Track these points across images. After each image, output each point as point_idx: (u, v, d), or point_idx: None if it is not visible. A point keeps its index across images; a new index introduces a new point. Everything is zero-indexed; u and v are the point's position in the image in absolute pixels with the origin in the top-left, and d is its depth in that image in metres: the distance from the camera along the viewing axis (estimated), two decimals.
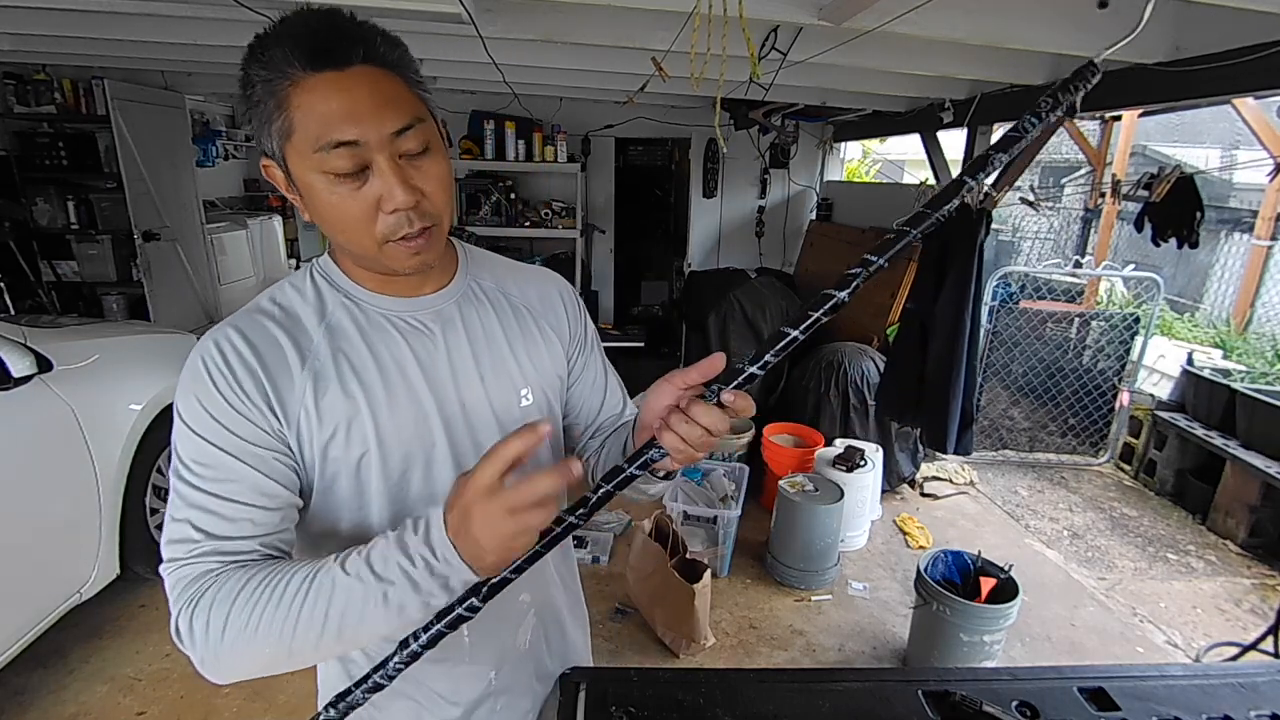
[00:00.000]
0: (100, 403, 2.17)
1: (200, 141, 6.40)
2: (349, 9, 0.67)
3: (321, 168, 0.62)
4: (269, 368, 0.67)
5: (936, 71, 2.57)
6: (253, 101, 0.63)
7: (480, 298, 0.81)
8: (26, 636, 1.92)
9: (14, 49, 3.21)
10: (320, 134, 0.61)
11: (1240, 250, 5.27)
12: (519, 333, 0.82)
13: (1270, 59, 1.78)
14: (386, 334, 0.73)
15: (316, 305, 0.73)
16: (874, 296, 4.03)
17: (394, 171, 0.63)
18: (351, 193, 0.63)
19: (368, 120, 0.61)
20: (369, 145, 0.62)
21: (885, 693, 0.82)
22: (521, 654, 0.85)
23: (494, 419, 0.78)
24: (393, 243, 0.66)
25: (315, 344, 0.70)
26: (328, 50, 0.60)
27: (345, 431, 0.70)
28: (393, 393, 0.72)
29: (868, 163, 8.11)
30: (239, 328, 0.69)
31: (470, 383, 0.77)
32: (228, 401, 0.65)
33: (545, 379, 0.83)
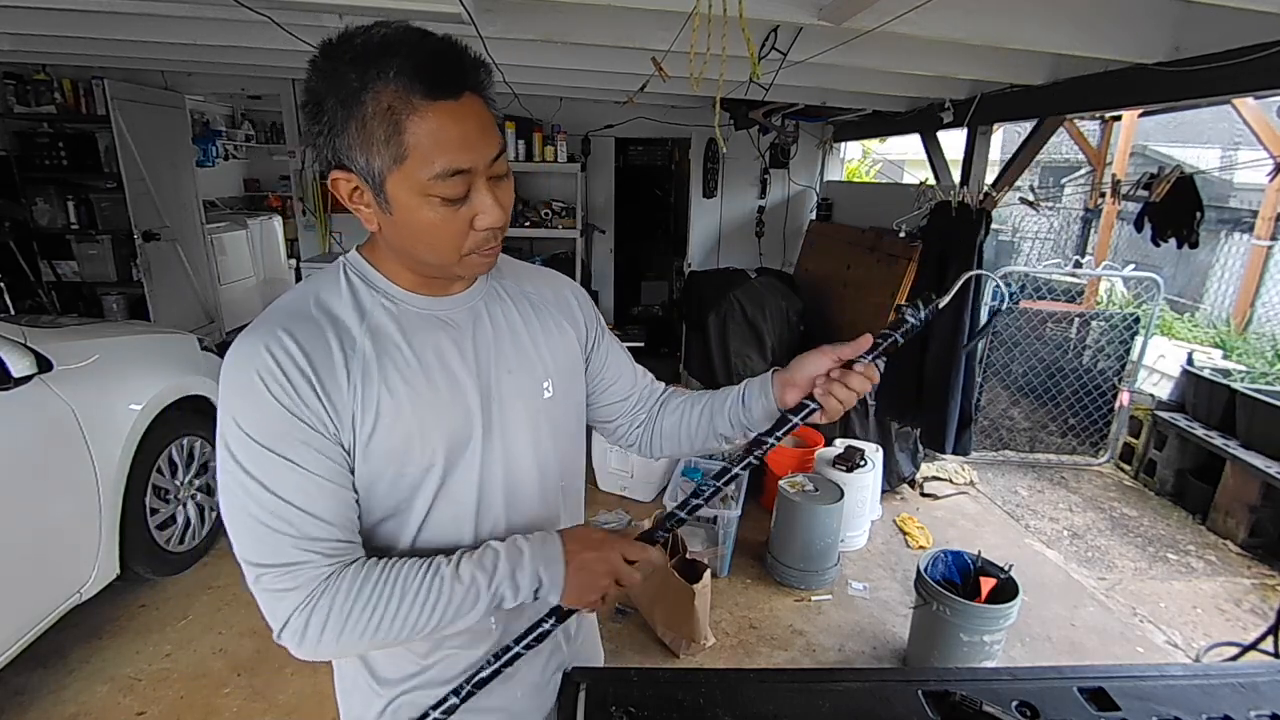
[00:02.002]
0: (100, 403, 2.17)
1: (200, 141, 6.40)
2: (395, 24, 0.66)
3: (430, 191, 0.65)
4: (318, 370, 0.69)
5: (936, 71, 2.57)
6: (360, 119, 0.62)
7: (503, 296, 0.85)
8: (26, 636, 1.92)
9: (14, 49, 3.21)
10: (437, 163, 0.63)
11: (1240, 250, 5.27)
12: (539, 328, 0.86)
13: (1270, 59, 1.78)
14: (425, 330, 0.76)
15: (355, 305, 0.74)
16: (874, 296, 4.03)
17: (491, 194, 0.68)
18: (451, 214, 0.67)
19: (478, 149, 0.65)
20: (476, 171, 0.66)
21: (885, 693, 0.82)
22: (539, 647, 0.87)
23: (522, 408, 0.82)
24: (472, 255, 0.71)
25: (359, 344, 0.72)
26: (447, 81, 0.63)
27: (392, 426, 0.72)
28: (435, 385, 0.75)
29: (868, 163, 8.11)
30: (289, 331, 0.69)
31: (500, 374, 0.80)
32: (286, 409, 0.67)
33: (564, 372, 0.88)
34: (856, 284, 4.30)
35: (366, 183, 0.67)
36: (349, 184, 0.68)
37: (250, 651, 2.27)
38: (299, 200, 5.37)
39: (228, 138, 7.28)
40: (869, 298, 4.08)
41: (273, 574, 0.67)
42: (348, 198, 0.69)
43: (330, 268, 0.77)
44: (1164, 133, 7.00)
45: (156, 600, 2.51)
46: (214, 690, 2.10)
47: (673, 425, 0.99)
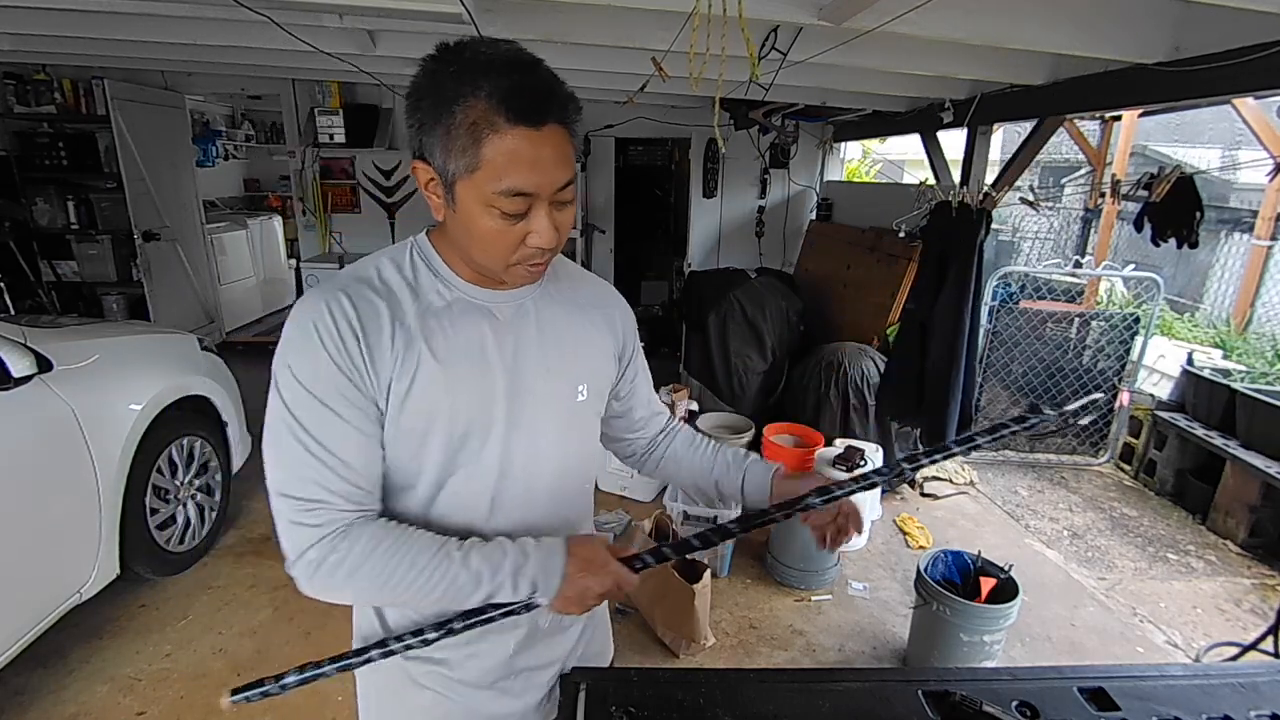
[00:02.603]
0: (100, 403, 2.17)
1: (200, 141, 6.40)
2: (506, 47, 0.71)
3: (493, 204, 0.70)
4: (368, 333, 0.74)
5: (936, 71, 2.57)
6: (448, 126, 0.68)
7: (554, 297, 0.88)
8: (26, 636, 1.92)
9: (14, 49, 3.21)
10: (504, 181, 0.68)
11: (1240, 250, 5.27)
12: (583, 334, 0.90)
13: (1270, 59, 1.78)
14: (471, 317, 0.81)
15: (413, 284, 0.80)
16: (874, 296, 4.03)
17: (549, 217, 0.73)
18: (508, 227, 0.72)
19: (546, 176, 0.70)
20: (538, 196, 0.71)
21: (885, 693, 0.82)
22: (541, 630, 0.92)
23: (553, 407, 0.86)
24: (518, 265, 0.76)
25: (408, 318, 0.77)
26: (531, 110, 0.67)
27: (423, 397, 0.77)
28: (468, 368, 0.80)
29: (868, 163, 8.11)
30: (349, 294, 0.75)
31: (537, 371, 0.84)
32: (335, 362, 0.73)
33: (599, 379, 0.93)
34: (856, 284, 4.30)
35: (440, 179, 0.72)
36: (426, 174, 0.74)
37: (250, 651, 2.27)
38: (299, 200, 5.38)
39: (228, 138, 7.28)
40: (869, 298, 4.08)
41: (297, 507, 0.73)
42: (424, 185, 0.75)
43: (399, 246, 0.83)
44: (1164, 133, 7.00)
45: (156, 600, 2.51)
46: (214, 690, 2.10)
47: (674, 462, 1.08)
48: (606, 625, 1.10)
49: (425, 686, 0.88)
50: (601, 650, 1.06)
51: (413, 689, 0.88)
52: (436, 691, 0.88)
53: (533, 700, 0.93)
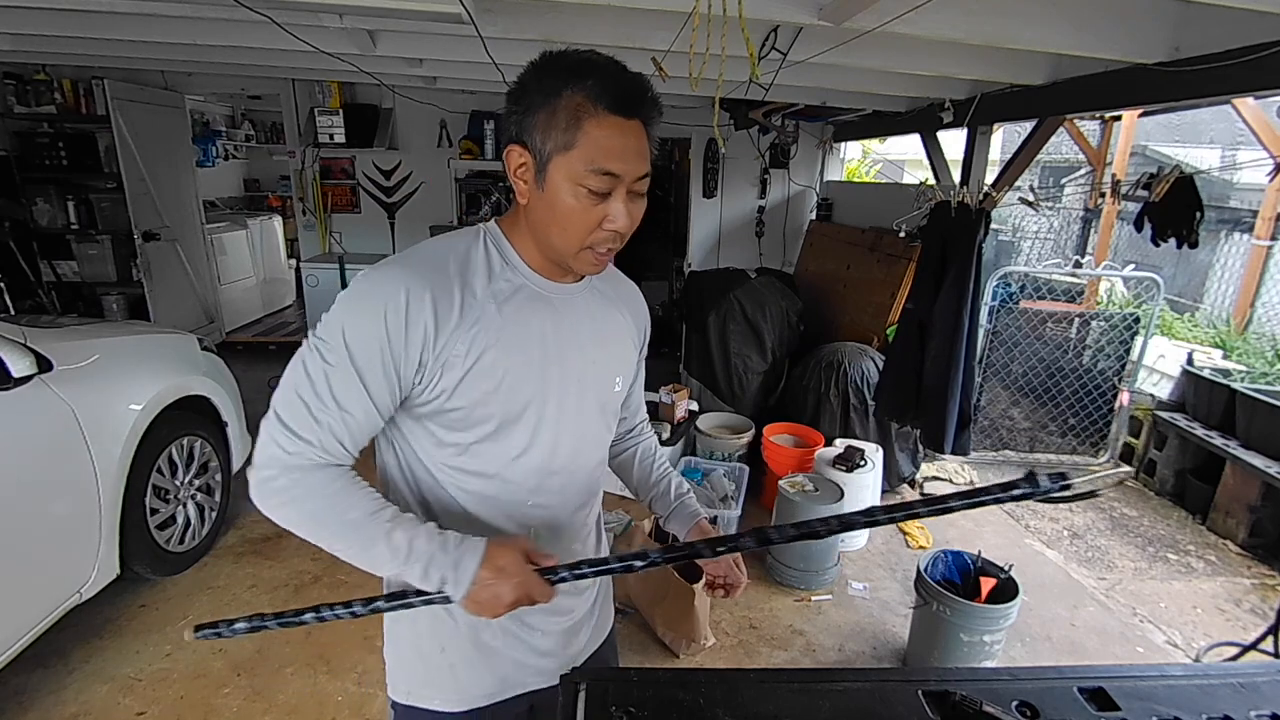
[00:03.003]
0: (100, 403, 2.17)
1: (200, 141, 6.41)
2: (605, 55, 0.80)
3: (581, 181, 0.77)
4: (439, 320, 0.80)
5: (936, 71, 2.57)
6: (552, 108, 0.76)
7: (601, 294, 0.96)
8: (26, 636, 1.92)
9: (14, 49, 3.21)
10: (595, 158, 0.76)
11: (1240, 250, 5.26)
12: (619, 330, 0.98)
13: (1270, 59, 1.78)
14: (534, 304, 0.87)
15: (487, 268, 0.86)
16: (874, 296, 4.03)
17: (626, 202, 0.80)
18: (589, 206, 0.79)
19: (631, 162, 0.78)
20: (621, 179, 0.78)
21: (885, 693, 0.82)
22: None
23: (595, 395, 0.94)
24: (590, 250, 0.83)
25: (480, 299, 0.83)
26: (627, 102, 0.77)
27: (486, 376, 0.83)
28: (529, 355, 0.86)
29: (868, 163, 8.11)
30: (429, 281, 0.80)
31: (586, 360, 0.92)
32: (389, 342, 0.78)
33: (628, 373, 1.01)
34: (856, 284, 4.30)
35: (535, 159, 0.79)
36: (520, 158, 0.81)
37: (250, 651, 2.27)
38: (299, 200, 5.38)
39: (228, 138, 7.29)
40: (869, 298, 4.09)
41: (283, 431, 0.79)
42: (514, 170, 0.82)
43: (470, 232, 0.89)
44: (1164, 133, 7.00)
45: (156, 600, 2.51)
46: (214, 690, 2.10)
47: (625, 469, 1.18)
48: (610, 590, 1.17)
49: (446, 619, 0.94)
50: (608, 614, 1.16)
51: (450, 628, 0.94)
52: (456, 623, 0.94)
53: (545, 646, 1.00)
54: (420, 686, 0.97)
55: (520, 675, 0.99)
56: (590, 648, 1.09)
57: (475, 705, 0.97)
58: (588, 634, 1.08)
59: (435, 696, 0.96)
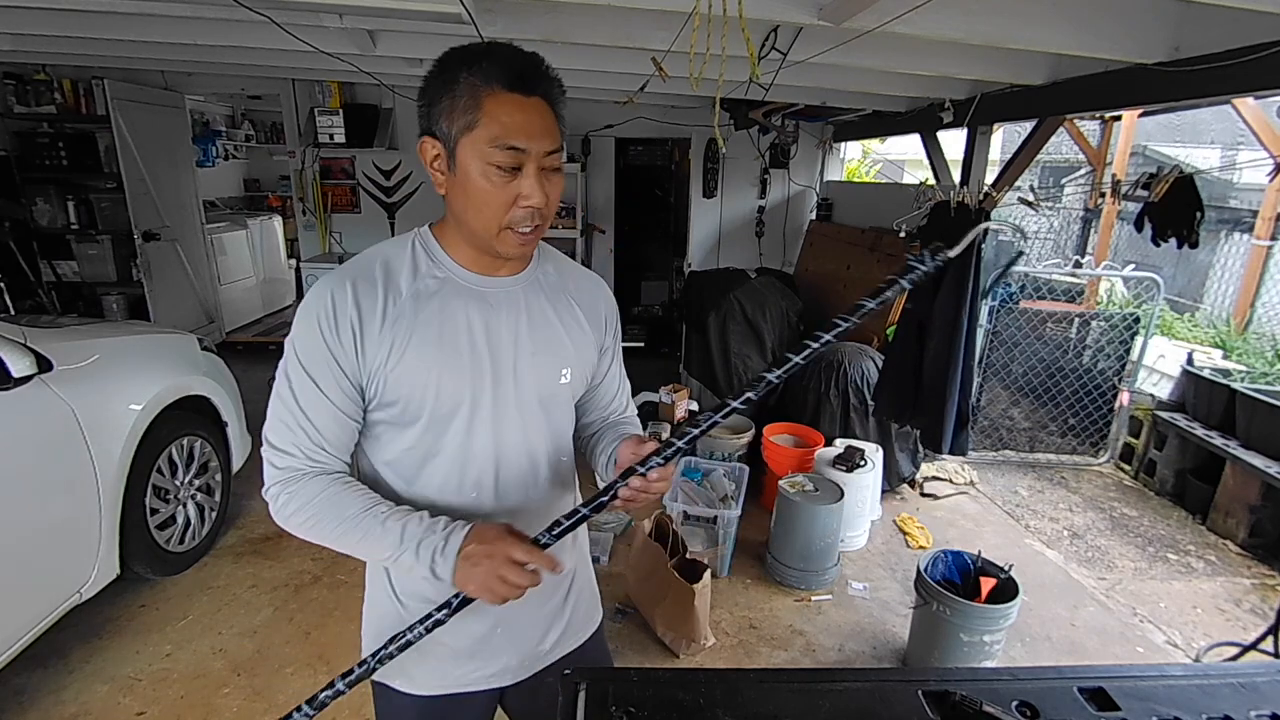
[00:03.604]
0: (100, 403, 2.17)
1: (200, 141, 6.41)
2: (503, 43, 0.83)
3: (488, 159, 0.79)
4: (364, 319, 0.85)
5: (936, 71, 2.57)
6: (453, 94, 0.79)
7: (543, 286, 0.97)
8: (26, 636, 1.92)
9: (14, 49, 3.21)
10: (498, 134, 0.79)
11: (1240, 250, 5.26)
12: (570, 322, 0.98)
13: (1270, 59, 1.78)
14: (462, 299, 0.89)
15: (412, 268, 0.89)
16: None
17: (538, 177, 0.82)
18: (502, 184, 0.81)
19: (534, 138, 0.80)
20: (528, 155, 0.80)
21: (885, 693, 0.82)
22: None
23: (541, 388, 0.95)
24: (510, 230, 0.84)
25: (403, 300, 0.87)
26: (524, 80, 0.79)
27: (412, 373, 0.86)
28: (457, 349, 0.88)
29: (868, 163, 8.11)
30: (353, 283, 0.85)
31: (525, 354, 0.92)
32: (326, 344, 0.84)
33: (582, 365, 1.01)
34: (856, 284, 4.30)
35: (445, 147, 0.82)
36: (433, 149, 0.84)
37: (250, 651, 2.27)
38: (299, 200, 5.38)
39: (228, 138, 7.28)
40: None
41: (271, 450, 0.88)
42: (429, 163, 0.85)
43: (403, 235, 0.93)
44: (1164, 133, 7.00)
45: (156, 600, 2.51)
46: (214, 690, 2.10)
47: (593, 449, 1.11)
48: (593, 590, 1.18)
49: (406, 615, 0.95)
50: (589, 615, 1.16)
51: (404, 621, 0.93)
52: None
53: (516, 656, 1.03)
54: (392, 669, 0.97)
55: (470, 674, 1.01)
56: (565, 647, 1.09)
57: (431, 693, 1.01)
58: (557, 633, 1.07)
59: (396, 677, 1.00)
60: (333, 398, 0.86)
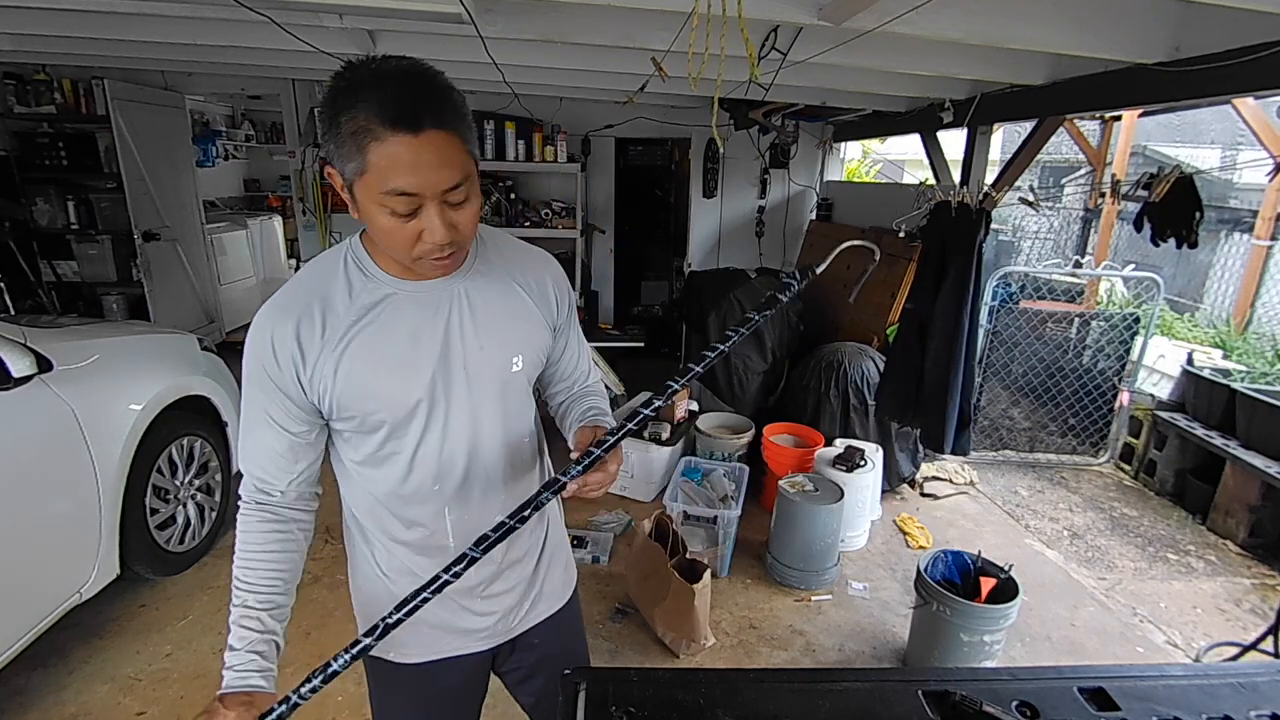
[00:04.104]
0: (100, 403, 2.17)
1: (200, 141, 6.40)
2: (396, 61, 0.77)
3: (383, 204, 0.77)
4: (303, 346, 0.86)
5: (936, 71, 2.57)
6: (336, 134, 0.75)
7: (485, 276, 0.96)
8: (26, 636, 1.92)
9: (14, 49, 3.21)
10: (387, 182, 0.75)
11: (1240, 250, 5.26)
12: (517, 308, 0.98)
13: (1270, 59, 1.78)
14: (402, 308, 0.90)
15: (346, 284, 0.89)
16: (874, 296, 4.03)
17: (439, 216, 0.79)
18: (401, 224, 0.79)
19: (427, 177, 0.75)
20: (423, 196, 0.77)
21: (885, 693, 0.82)
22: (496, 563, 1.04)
23: (493, 379, 0.95)
24: (423, 260, 0.83)
25: (342, 318, 0.87)
26: (406, 116, 0.72)
27: (362, 388, 0.88)
28: (402, 357, 0.89)
29: (868, 163, 8.11)
30: (288, 315, 0.87)
31: (472, 349, 0.93)
32: (267, 375, 0.87)
33: (533, 349, 1.01)
34: (856, 284, 4.29)
35: (340, 178, 0.80)
36: (337, 179, 0.81)
37: None
38: (299, 200, 5.37)
39: (228, 138, 7.28)
40: (869, 297, 4.08)
41: (240, 473, 0.96)
42: (339, 189, 0.82)
43: (333, 251, 0.92)
44: (1164, 133, 7.00)
45: (156, 600, 2.51)
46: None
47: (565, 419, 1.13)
48: (568, 559, 1.21)
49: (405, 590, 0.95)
50: (564, 582, 1.19)
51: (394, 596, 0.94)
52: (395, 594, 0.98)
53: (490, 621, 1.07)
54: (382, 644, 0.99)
55: (458, 640, 1.07)
56: (538, 615, 1.13)
57: (423, 660, 1.06)
58: (530, 599, 1.11)
59: (389, 650, 1.05)
60: (279, 421, 0.90)
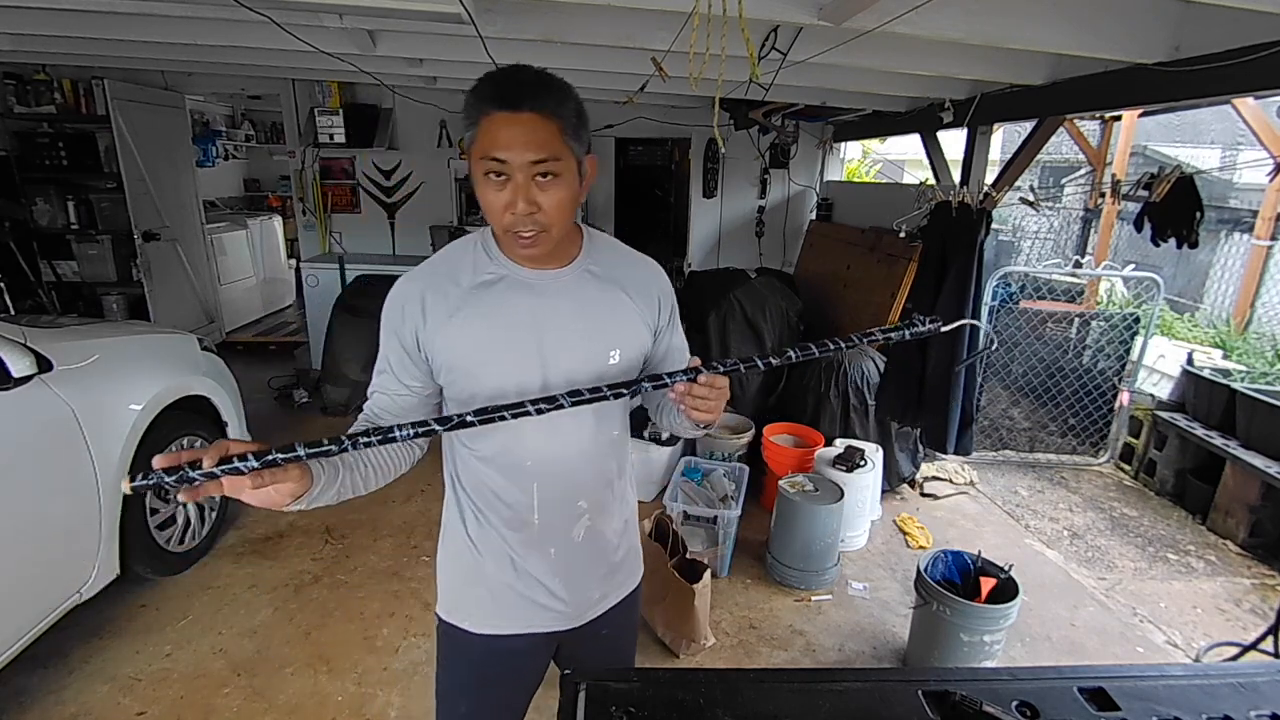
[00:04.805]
0: (100, 403, 2.17)
1: (200, 141, 6.40)
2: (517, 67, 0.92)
3: (482, 170, 0.90)
4: (427, 308, 1.00)
5: (936, 71, 2.57)
6: (466, 114, 0.91)
7: (594, 275, 1.06)
8: (26, 636, 1.92)
9: (14, 49, 3.20)
10: (486, 148, 0.89)
11: (1240, 250, 5.26)
12: (619, 307, 1.07)
13: (1270, 59, 1.78)
14: (517, 290, 1.01)
15: (471, 263, 1.02)
16: (874, 296, 4.03)
17: (521, 188, 0.90)
18: (495, 190, 0.91)
19: (516, 150, 0.88)
20: (510, 165, 0.88)
21: (885, 693, 0.82)
22: (576, 544, 1.11)
23: (590, 368, 1.03)
24: (510, 234, 0.94)
25: (463, 292, 1.00)
26: (509, 97, 0.88)
27: (468, 355, 1.00)
28: (510, 334, 1.00)
29: (868, 163, 8.11)
30: (418, 278, 1.02)
31: (570, 339, 1.02)
32: (397, 335, 1.02)
33: (631, 347, 1.08)
34: (856, 284, 4.30)
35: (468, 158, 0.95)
36: (468, 160, 0.96)
37: (250, 651, 2.27)
38: (299, 200, 5.37)
39: (228, 138, 7.28)
40: (869, 298, 4.09)
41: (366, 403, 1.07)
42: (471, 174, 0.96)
43: (468, 237, 1.06)
44: (1164, 133, 7.00)
45: (156, 600, 2.51)
46: (214, 690, 2.10)
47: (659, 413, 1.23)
48: (638, 549, 1.30)
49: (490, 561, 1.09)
50: (633, 570, 1.27)
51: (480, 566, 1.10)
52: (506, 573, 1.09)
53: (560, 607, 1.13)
54: (453, 608, 1.14)
55: (532, 616, 1.12)
56: (611, 599, 1.21)
57: (495, 632, 1.12)
58: (608, 584, 1.19)
59: (465, 619, 1.13)
60: (398, 373, 1.03)
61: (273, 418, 4.24)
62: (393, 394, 1.04)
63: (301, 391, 4.52)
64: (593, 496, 1.11)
